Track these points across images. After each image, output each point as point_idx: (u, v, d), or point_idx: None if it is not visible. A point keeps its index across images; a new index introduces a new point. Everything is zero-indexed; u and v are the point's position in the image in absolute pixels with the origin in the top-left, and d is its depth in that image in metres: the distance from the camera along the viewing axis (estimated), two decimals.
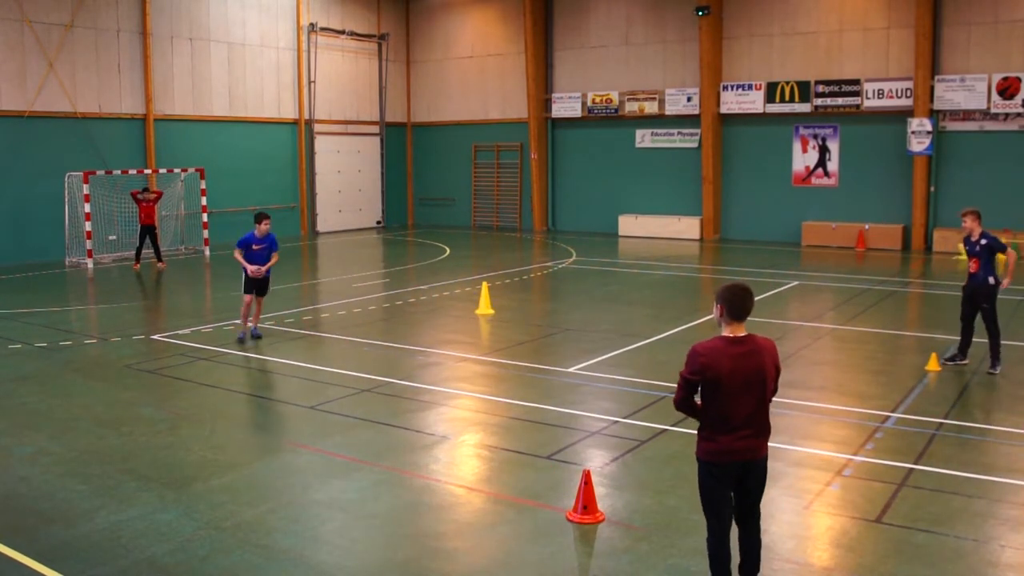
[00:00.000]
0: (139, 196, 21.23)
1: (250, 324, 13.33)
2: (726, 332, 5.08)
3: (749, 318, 5.11)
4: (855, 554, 6.20)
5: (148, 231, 21.24)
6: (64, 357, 12.27)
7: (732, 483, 5.20)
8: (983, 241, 11.07)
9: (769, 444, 5.32)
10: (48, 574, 5.92)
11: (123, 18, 24.53)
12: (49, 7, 22.92)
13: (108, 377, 11.24)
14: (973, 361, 11.53)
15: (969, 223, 11.16)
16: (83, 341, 13.34)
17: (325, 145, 30.73)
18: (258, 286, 13.13)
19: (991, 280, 11.10)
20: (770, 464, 7.84)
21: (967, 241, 11.29)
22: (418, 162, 34.20)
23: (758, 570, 5.41)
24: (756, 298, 5.21)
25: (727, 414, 5.04)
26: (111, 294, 18.35)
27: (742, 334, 5.05)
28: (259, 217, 13.18)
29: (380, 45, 32.53)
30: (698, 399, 5.19)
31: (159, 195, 21.89)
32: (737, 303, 5.02)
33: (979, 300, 11.16)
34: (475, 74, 32.38)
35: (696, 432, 5.28)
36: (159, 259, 21.75)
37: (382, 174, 33.03)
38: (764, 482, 5.32)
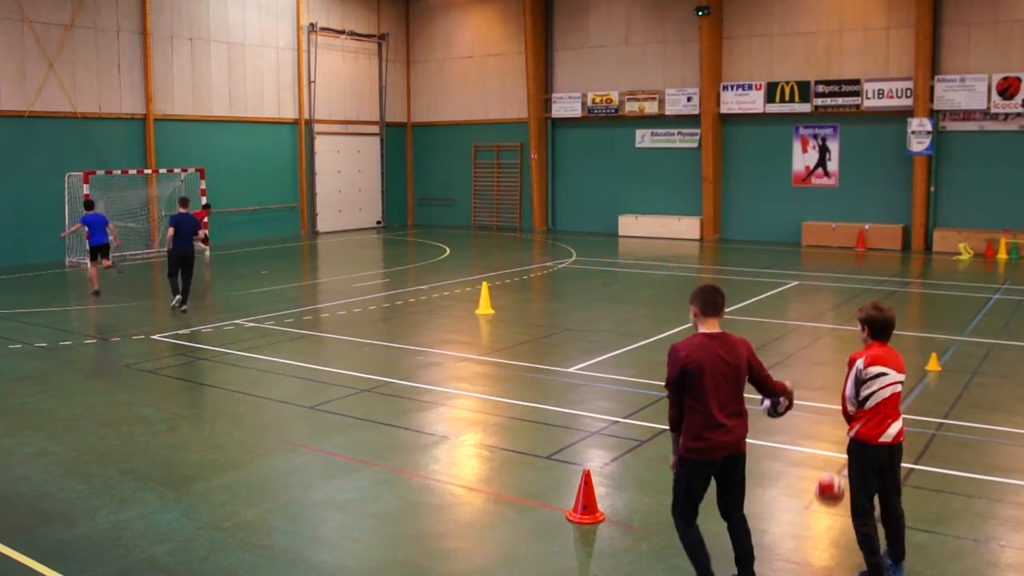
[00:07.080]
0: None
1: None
2: (702, 329, 5.44)
3: (731, 316, 5.27)
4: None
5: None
6: (64, 357, 12.27)
7: (710, 478, 5.43)
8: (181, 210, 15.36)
9: (770, 444, 5.35)
10: (48, 574, 5.92)
11: (123, 18, 24.53)
12: (49, 7, 22.91)
13: (108, 377, 11.24)
14: (973, 361, 11.54)
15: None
16: (83, 341, 13.34)
17: (325, 145, 30.73)
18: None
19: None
20: (770, 464, 8.00)
21: None
22: (418, 162, 34.20)
23: (753, 559, 5.52)
24: (756, 298, 5.32)
25: (710, 408, 5.26)
26: (111, 294, 18.33)
27: (716, 330, 5.39)
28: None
29: (380, 45, 32.53)
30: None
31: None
32: (708, 300, 5.43)
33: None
34: (475, 74, 32.38)
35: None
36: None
37: (382, 174, 33.03)
38: (745, 476, 5.55)
